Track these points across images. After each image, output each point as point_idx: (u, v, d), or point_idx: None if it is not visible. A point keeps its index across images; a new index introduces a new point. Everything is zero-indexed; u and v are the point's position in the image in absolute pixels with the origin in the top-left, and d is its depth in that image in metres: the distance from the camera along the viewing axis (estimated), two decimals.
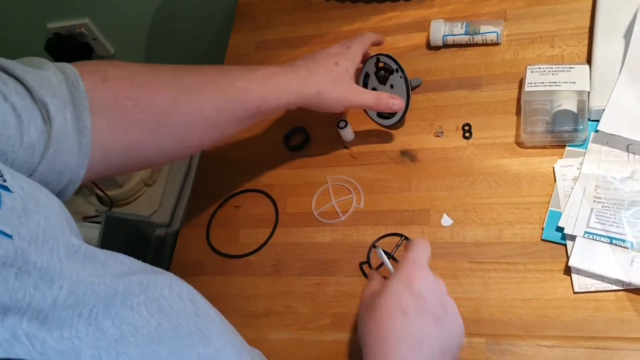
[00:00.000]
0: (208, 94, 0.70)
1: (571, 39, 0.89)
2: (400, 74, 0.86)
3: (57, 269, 0.39)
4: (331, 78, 0.78)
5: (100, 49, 1.41)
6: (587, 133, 0.78)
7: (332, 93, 0.78)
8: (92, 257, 0.45)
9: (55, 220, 0.44)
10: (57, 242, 0.42)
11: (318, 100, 0.78)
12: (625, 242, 0.68)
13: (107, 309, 0.41)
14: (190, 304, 0.50)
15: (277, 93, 0.75)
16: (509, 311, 0.71)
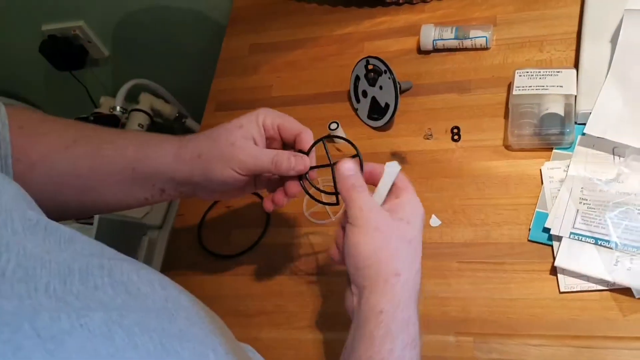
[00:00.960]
0: (82, 149, 0.64)
1: (559, 44, 0.90)
2: (389, 75, 0.87)
3: (3, 241, 0.38)
4: (216, 136, 0.65)
5: (95, 51, 1.42)
6: (573, 136, 0.79)
7: (213, 153, 0.64)
8: (54, 231, 0.44)
9: (8, 197, 0.43)
10: (10, 214, 0.41)
11: (200, 165, 0.64)
12: (609, 243, 0.69)
13: (65, 286, 0.40)
14: (161, 288, 0.48)
15: (154, 155, 0.65)
16: (497, 310, 0.72)
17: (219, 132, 0.65)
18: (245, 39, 1.12)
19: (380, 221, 0.55)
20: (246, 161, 0.63)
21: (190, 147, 0.65)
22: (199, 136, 0.66)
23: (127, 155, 0.64)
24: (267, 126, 0.66)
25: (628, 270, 0.67)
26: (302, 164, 0.65)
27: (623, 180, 0.73)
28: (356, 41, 1.03)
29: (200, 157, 0.64)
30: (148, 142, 0.66)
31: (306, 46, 1.06)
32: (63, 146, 0.63)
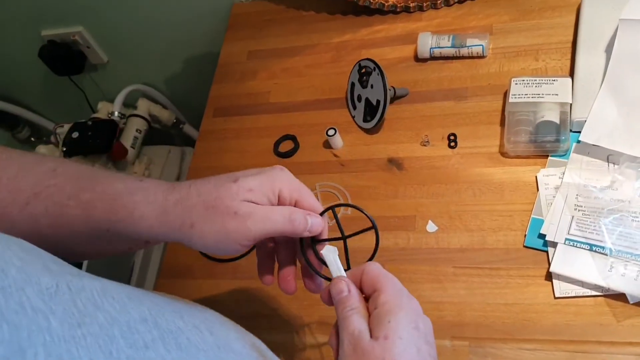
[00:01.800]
0: (41, 206, 0.53)
1: (555, 53, 0.91)
2: (377, 72, 0.88)
3: (23, 334, 0.32)
4: (214, 201, 0.52)
5: (94, 57, 1.43)
6: (569, 143, 0.80)
7: (211, 225, 0.52)
8: (80, 290, 0.38)
9: (16, 268, 0.36)
10: (24, 293, 0.34)
11: (191, 235, 0.52)
12: (604, 249, 0.70)
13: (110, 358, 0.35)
14: (209, 334, 0.44)
15: (130, 217, 0.53)
16: (492, 315, 0.73)
17: (217, 196, 0.52)
18: (244, 46, 1.13)
19: (357, 354, 0.48)
20: (255, 229, 0.52)
21: (180, 211, 0.52)
22: (190, 195, 0.53)
23: (96, 215, 0.53)
24: (283, 198, 0.55)
25: (622, 276, 0.68)
26: (319, 225, 0.56)
27: (617, 187, 0.74)
28: (353, 49, 1.04)
29: (192, 227, 0.52)
30: (120, 199, 0.53)
31: (304, 53, 1.07)
32: (23, 202, 0.53)
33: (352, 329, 0.49)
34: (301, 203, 0.56)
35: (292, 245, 0.61)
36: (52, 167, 0.55)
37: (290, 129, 0.98)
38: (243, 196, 0.52)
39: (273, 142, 0.97)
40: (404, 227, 0.83)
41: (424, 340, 0.49)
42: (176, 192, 0.53)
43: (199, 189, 0.53)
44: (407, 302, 0.50)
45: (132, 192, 0.53)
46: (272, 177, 0.54)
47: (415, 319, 0.49)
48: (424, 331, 0.49)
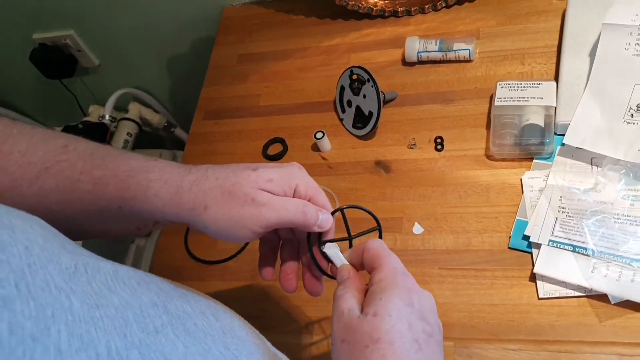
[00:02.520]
0: (52, 181, 0.53)
1: (540, 57, 0.92)
2: (372, 83, 0.89)
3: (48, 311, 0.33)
4: (231, 187, 0.52)
5: (85, 60, 1.43)
6: (553, 146, 0.81)
7: (226, 209, 0.52)
8: (96, 272, 0.39)
9: (39, 246, 0.36)
10: (47, 271, 0.35)
11: (204, 219, 0.52)
12: (587, 250, 0.71)
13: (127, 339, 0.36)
14: (215, 320, 0.45)
15: (144, 195, 0.53)
16: (477, 316, 0.74)
17: (236, 182, 0.53)
18: (234, 49, 1.14)
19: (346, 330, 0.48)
20: (269, 217, 0.52)
21: (195, 192, 0.52)
22: (208, 178, 0.53)
23: (107, 192, 0.53)
24: (299, 192, 0.56)
25: (604, 277, 0.69)
26: (329, 221, 0.57)
27: (600, 189, 0.75)
28: (342, 52, 1.05)
29: (206, 209, 0.52)
30: (134, 177, 0.53)
31: (294, 57, 1.08)
32: (33, 176, 0.53)
33: (342, 308, 0.49)
34: (315, 201, 0.57)
35: (296, 243, 0.62)
36: (64, 143, 0.55)
37: (279, 131, 0.99)
38: (261, 185, 0.53)
39: (262, 144, 0.98)
40: (391, 229, 0.84)
41: (417, 317, 0.48)
42: (192, 173, 0.54)
43: (216, 173, 0.54)
44: (401, 279, 0.50)
45: (148, 170, 0.53)
46: (290, 172, 0.55)
47: (408, 295, 0.48)
48: (419, 308, 0.48)
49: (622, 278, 0.68)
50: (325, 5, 1.08)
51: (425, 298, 0.50)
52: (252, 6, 1.20)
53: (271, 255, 0.63)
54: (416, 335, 0.46)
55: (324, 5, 1.08)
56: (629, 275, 0.68)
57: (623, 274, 0.68)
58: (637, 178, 0.74)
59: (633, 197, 0.73)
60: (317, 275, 0.61)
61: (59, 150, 0.54)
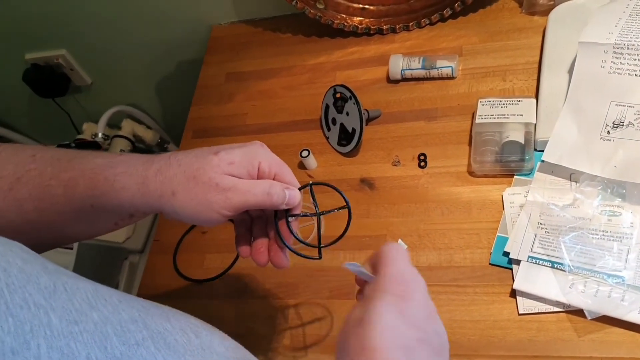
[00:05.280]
0: (25, 190, 0.55)
1: (522, 73, 0.94)
2: (354, 101, 0.90)
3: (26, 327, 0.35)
4: (195, 172, 0.54)
5: (78, 79, 1.44)
6: (533, 162, 0.82)
7: (192, 194, 0.54)
8: (75, 291, 0.40)
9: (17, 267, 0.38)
10: (26, 289, 0.37)
11: (173, 204, 0.54)
12: (563, 266, 0.72)
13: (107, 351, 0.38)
14: (195, 336, 0.46)
15: (112, 190, 0.54)
16: (458, 332, 0.75)
17: (199, 167, 0.54)
18: (222, 68, 1.16)
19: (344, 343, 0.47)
20: (236, 201, 0.54)
21: (160, 180, 0.54)
22: (171, 165, 0.55)
23: (78, 193, 0.55)
24: (262, 171, 0.58)
25: (582, 293, 0.70)
26: (296, 197, 0.59)
27: (579, 205, 0.76)
28: (328, 70, 1.07)
29: (174, 195, 0.54)
30: (101, 173, 0.55)
31: (280, 75, 1.10)
32: (7, 188, 0.54)
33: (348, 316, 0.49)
34: (280, 177, 0.59)
35: (265, 220, 0.64)
36: (32, 152, 0.57)
37: None
38: (224, 169, 0.54)
39: None
40: (376, 246, 0.85)
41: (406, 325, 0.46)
42: (156, 162, 0.55)
43: (179, 160, 0.55)
44: (393, 287, 0.48)
45: (113, 165, 0.55)
46: (252, 151, 0.57)
47: (398, 304, 0.47)
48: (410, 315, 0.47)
49: (599, 294, 0.69)
50: (312, 23, 1.09)
51: (418, 306, 0.48)
52: (240, 25, 1.22)
53: (246, 234, 0.65)
54: (405, 341, 0.45)
55: (310, 23, 1.09)
56: (606, 291, 0.69)
57: (600, 290, 0.69)
58: (614, 194, 0.75)
59: (610, 213, 0.74)
60: (282, 249, 0.63)
61: (27, 160, 0.56)
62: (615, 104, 0.77)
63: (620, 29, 0.78)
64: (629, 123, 0.76)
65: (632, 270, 0.69)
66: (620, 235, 0.72)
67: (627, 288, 0.68)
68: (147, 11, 1.26)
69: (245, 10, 1.21)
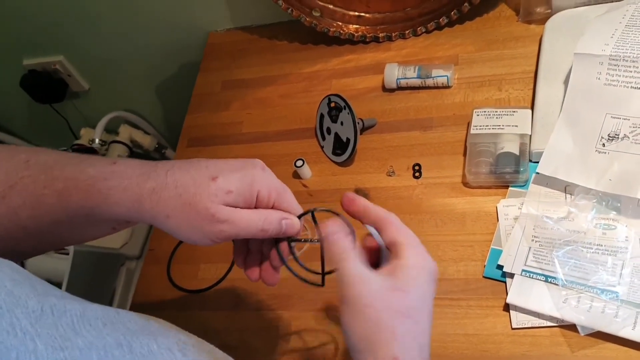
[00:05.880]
0: (19, 199, 0.54)
1: (518, 83, 0.93)
2: (348, 110, 0.90)
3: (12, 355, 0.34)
4: (191, 198, 0.52)
5: (75, 85, 1.44)
6: (528, 174, 0.81)
7: (185, 221, 0.53)
8: (62, 314, 0.40)
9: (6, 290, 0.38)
10: (14, 314, 0.37)
11: (167, 227, 0.54)
12: (557, 280, 0.71)
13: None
14: (182, 355, 0.45)
15: (105, 203, 0.53)
16: (451, 345, 0.74)
17: (196, 193, 0.52)
18: (218, 75, 1.15)
19: (371, 296, 0.50)
20: (229, 233, 0.54)
21: (155, 200, 0.53)
22: (167, 186, 0.53)
23: (72, 203, 0.54)
24: (261, 199, 0.56)
25: (575, 308, 0.69)
26: (294, 228, 0.58)
27: (573, 218, 0.76)
28: (324, 79, 1.06)
29: (168, 218, 0.53)
30: (94, 185, 0.53)
31: (276, 83, 1.09)
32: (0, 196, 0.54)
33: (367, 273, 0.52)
34: (280, 205, 0.57)
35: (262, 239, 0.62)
36: (25, 158, 0.56)
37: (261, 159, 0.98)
38: (221, 198, 0.53)
39: None
40: None
41: (431, 302, 0.53)
42: (151, 179, 0.53)
43: (176, 180, 0.53)
44: (429, 263, 0.55)
45: (106, 178, 0.54)
46: (251, 178, 0.55)
47: (432, 282, 0.54)
48: (433, 296, 0.54)
49: (592, 309, 0.68)
50: (308, 31, 1.09)
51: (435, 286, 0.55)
52: (236, 32, 1.21)
53: (243, 247, 0.64)
54: (430, 318, 0.53)
55: (307, 31, 1.09)
56: (599, 307, 0.68)
57: (593, 305, 0.69)
58: (609, 207, 0.75)
59: (605, 226, 0.74)
60: (276, 267, 0.62)
61: (21, 166, 0.55)
62: (610, 116, 0.77)
63: (616, 41, 0.78)
64: (624, 136, 0.75)
65: (626, 285, 0.69)
66: (614, 249, 0.72)
67: (620, 303, 0.68)
68: (144, 17, 1.26)
69: (241, 17, 1.20)
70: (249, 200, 0.55)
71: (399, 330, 0.49)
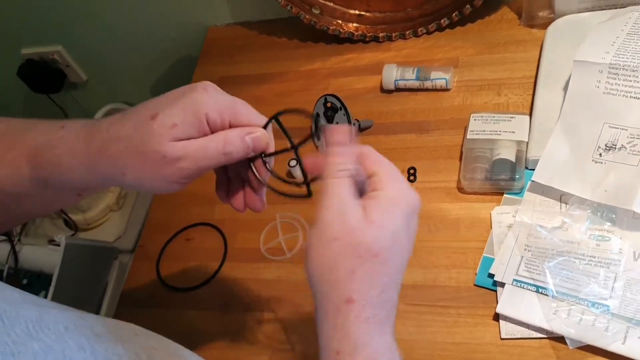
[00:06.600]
0: None
1: (517, 88, 0.92)
2: (343, 111, 0.89)
3: None
4: (137, 146, 0.48)
5: (73, 75, 1.43)
6: (523, 182, 0.80)
7: (141, 172, 0.49)
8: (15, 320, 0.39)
9: None
10: None
11: (128, 184, 0.51)
12: (547, 290, 0.70)
13: None
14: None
15: (59, 171, 0.51)
16: (439, 354, 0.73)
17: (141, 139, 0.48)
18: (216, 71, 1.14)
19: (341, 228, 0.46)
20: (189, 169, 0.50)
21: (106, 161, 0.50)
22: (111, 141, 0.50)
23: (26, 174, 0.52)
24: (213, 123, 0.50)
25: (565, 320, 0.68)
26: (262, 141, 0.53)
27: (567, 228, 0.74)
28: (322, 77, 1.05)
29: (124, 174, 0.50)
30: (43, 154, 0.51)
31: (274, 81, 1.08)
32: None
33: (347, 200, 0.47)
34: (238, 122, 0.52)
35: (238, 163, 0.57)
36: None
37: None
38: (168, 135, 0.48)
39: None
40: None
41: (408, 238, 0.48)
42: (96, 137, 0.50)
43: (117, 132, 0.50)
44: (409, 194, 0.49)
45: (54, 146, 0.51)
46: (194, 103, 0.49)
47: (410, 216, 0.48)
48: (412, 229, 0.49)
49: (582, 322, 0.67)
50: (308, 28, 1.07)
51: (416, 221, 0.50)
52: (236, 27, 1.20)
53: (224, 179, 0.61)
54: (403, 257, 0.48)
55: (307, 28, 1.08)
56: (590, 320, 0.67)
57: (584, 318, 0.68)
58: (604, 218, 0.74)
59: (599, 237, 0.73)
60: (256, 191, 0.59)
61: None
62: (608, 126, 0.76)
63: (617, 49, 0.76)
64: (621, 146, 0.74)
65: (618, 299, 0.68)
66: (608, 261, 0.71)
67: (611, 317, 0.67)
68: (144, 10, 1.25)
69: (241, 12, 1.19)
70: (200, 128, 0.49)
71: (360, 270, 0.45)
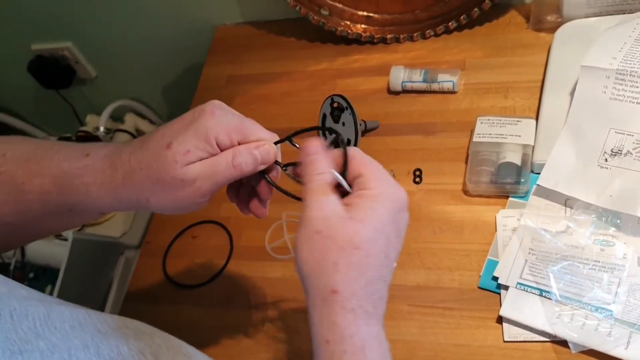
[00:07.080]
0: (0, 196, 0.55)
1: (524, 92, 0.92)
2: (350, 111, 0.89)
3: None
4: (157, 174, 0.52)
5: (83, 72, 1.44)
6: (529, 185, 0.80)
7: (163, 198, 0.53)
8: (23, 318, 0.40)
9: None
10: None
11: (153, 209, 0.56)
12: (551, 294, 0.70)
13: None
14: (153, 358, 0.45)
15: (86, 199, 0.54)
16: (442, 356, 0.74)
17: (159, 168, 0.52)
18: (224, 70, 1.15)
19: (324, 222, 0.48)
20: (206, 188, 0.53)
21: (130, 189, 0.53)
22: (134, 170, 0.53)
23: (53, 200, 0.55)
24: (223, 145, 0.54)
25: (568, 324, 0.68)
26: (270, 152, 0.56)
27: (571, 233, 0.75)
28: (329, 78, 1.05)
29: (149, 201, 0.54)
30: (71, 182, 0.54)
31: (280, 80, 1.08)
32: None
33: (326, 198, 0.49)
34: (246, 139, 0.55)
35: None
36: (2, 151, 0.56)
37: None
38: (182, 161, 0.52)
39: None
40: None
41: (395, 234, 0.50)
42: (120, 168, 0.54)
43: (139, 161, 0.53)
44: (393, 193, 0.51)
45: (81, 174, 0.54)
46: (203, 129, 0.52)
47: (396, 212, 0.50)
48: (398, 226, 0.51)
49: (585, 327, 0.68)
50: (316, 28, 1.08)
51: (406, 217, 0.52)
52: (244, 26, 1.21)
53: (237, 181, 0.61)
54: (388, 251, 0.49)
55: (315, 28, 1.08)
56: (593, 325, 0.67)
57: (587, 322, 0.68)
58: (609, 223, 0.74)
59: (603, 242, 0.73)
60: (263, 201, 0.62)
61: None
62: (614, 131, 0.76)
63: (624, 55, 0.76)
64: (627, 152, 0.74)
65: (622, 304, 0.68)
66: (612, 266, 0.71)
67: (614, 322, 0.67)
68: (154, 7, 1.25)
69: (250, 11, 1.19)
70: (211, 151, 0.53)
71: (342, 261, 0.47)
